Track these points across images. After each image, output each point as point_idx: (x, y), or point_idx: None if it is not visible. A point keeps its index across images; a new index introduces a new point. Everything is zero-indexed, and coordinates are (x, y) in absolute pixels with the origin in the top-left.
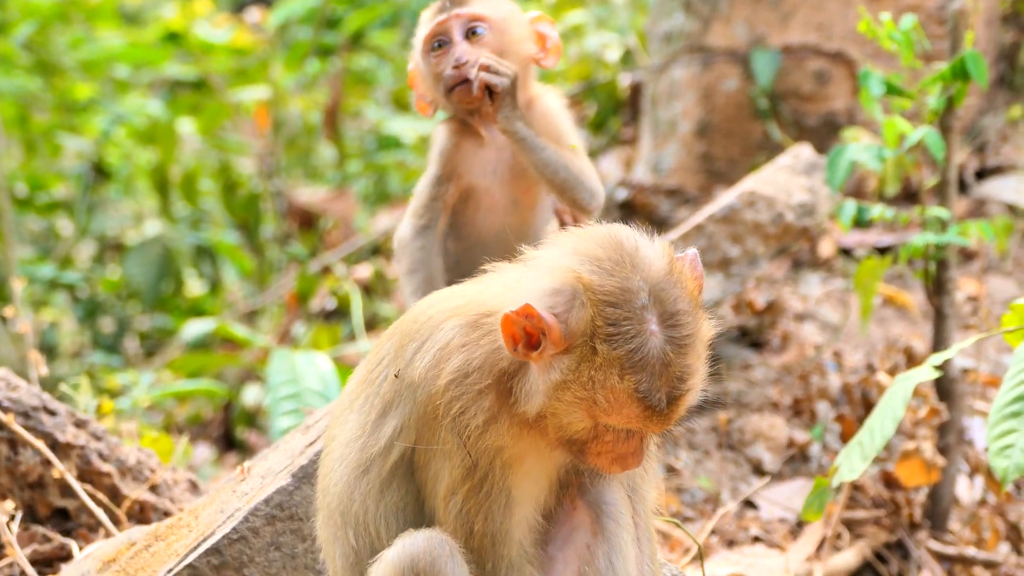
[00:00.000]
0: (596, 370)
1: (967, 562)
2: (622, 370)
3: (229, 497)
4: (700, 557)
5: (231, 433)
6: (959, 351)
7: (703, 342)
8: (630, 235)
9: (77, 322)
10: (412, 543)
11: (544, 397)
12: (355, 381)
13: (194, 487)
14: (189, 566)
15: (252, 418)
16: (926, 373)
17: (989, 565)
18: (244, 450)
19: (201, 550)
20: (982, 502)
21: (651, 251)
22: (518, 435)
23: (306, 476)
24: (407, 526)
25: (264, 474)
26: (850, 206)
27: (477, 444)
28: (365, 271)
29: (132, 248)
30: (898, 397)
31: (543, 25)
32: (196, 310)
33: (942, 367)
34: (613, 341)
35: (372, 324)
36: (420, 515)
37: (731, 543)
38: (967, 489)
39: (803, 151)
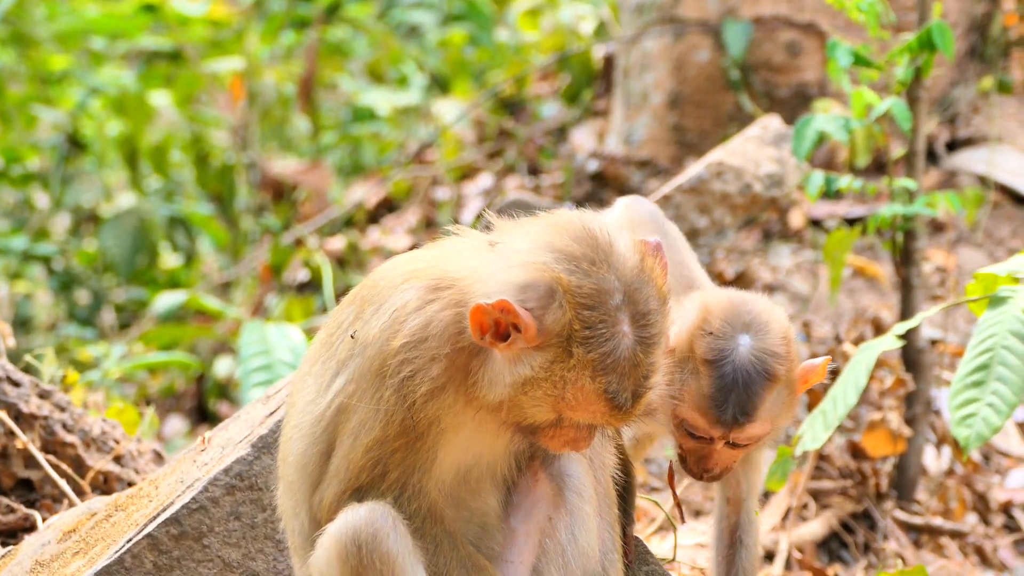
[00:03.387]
0: (568, 370)
1: (934, 532)
2: (594, 372)
3: (189, 467)
4: (673, 528)
5: (204, 405)
6: (926, 322)
7: (667, 338)
8: (603, 229)
9: (52, 294)
10: (354, 516)
11: (509, 389)
12: (315, 346)
13: (159, 458)
14: (148, 536)
15: (224, 390)
16: (890, 342)
17: (956, 535)
18: (217, 422)
19: (160, 520)
20: (949, 472)
21: (624, 246)
22: (463, 411)
23: (266, 446)
24: None
25: (224, 444)
26: (817, 177)
27: (420, 410)
28: (338, 243)
29: (107, 220)
30: (861, 366)
31: (810, 374)
32: (172, 282)
33: (906, 336)
34: (588, 344)
35: (344, 296)
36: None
37: (697, 513)
38: (934, 459)
39: (772, 122)
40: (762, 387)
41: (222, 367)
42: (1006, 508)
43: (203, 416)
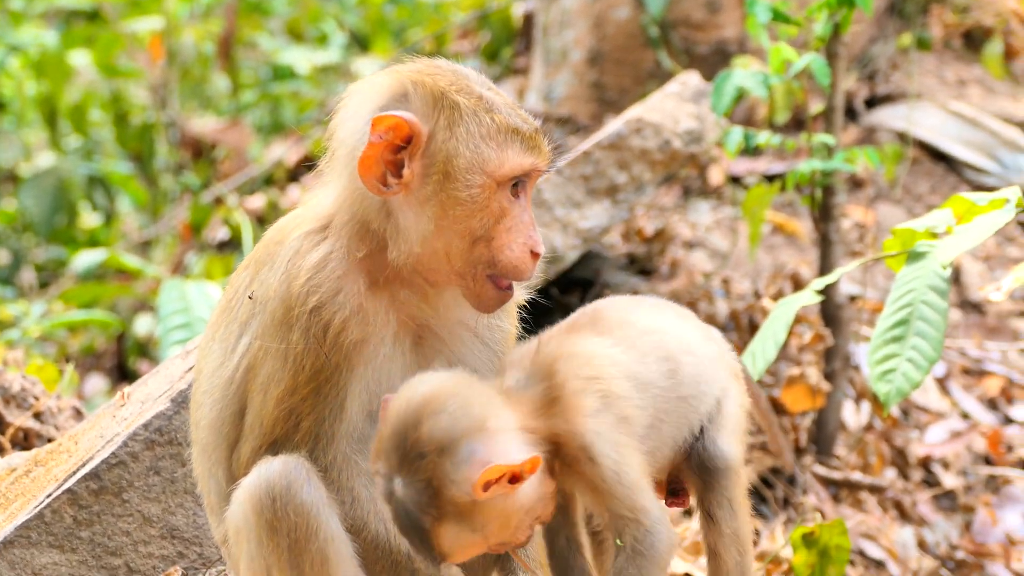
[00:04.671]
0: (469, 120)
1: (853, 487)
2: (487, 111)
3: (109, 422)
4: None
5: (124, 364)
6: (846, 278)
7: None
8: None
9: None
10: (268, 469)
11: (436, 201)
12: (216, 313)
13: (79, 415)
14: (68, 491)
15: (145, 348)
16: (808, 297)
17: (875, 489)
18: (137, 380)
19: (80, 475)
20: (868, 427)
21: None
22: (385, 317)
23: (185, 401)
24: None
25: (144, 399)
26: (737, 132)
27: (332, 340)
28: (258, 201)
29: (26, 180)
30: (780, 321)
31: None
32: (92, 241)
33: (825, 292)
34: (464, 92)
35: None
36: None
37: None
38: (853, 414)
39: (691, 78)
40: (426, 539)
41: (142, 325)
42: (925, 463)
43: (123, 375)
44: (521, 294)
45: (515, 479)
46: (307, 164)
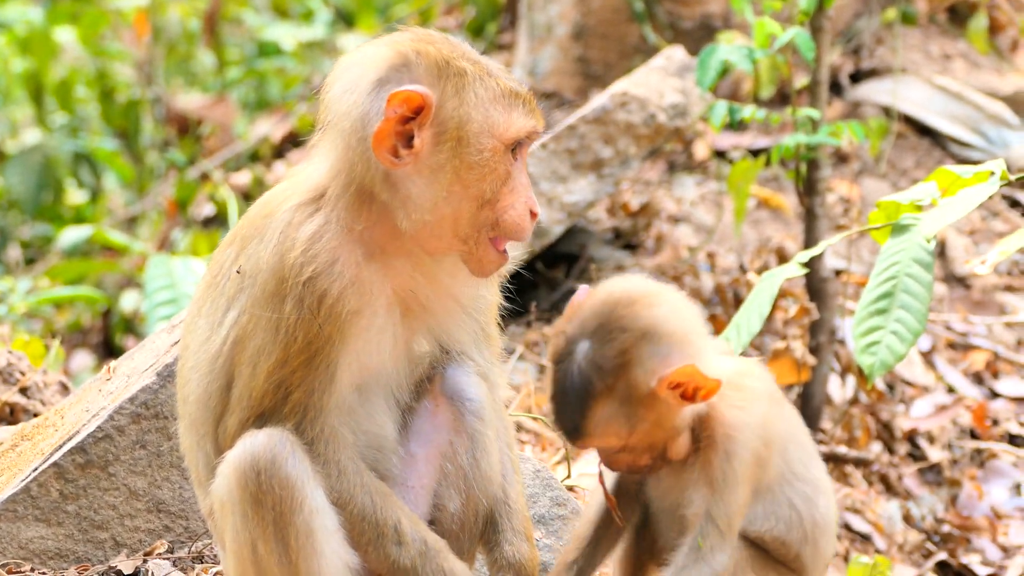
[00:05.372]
0: (477, 85)
1: (839, 460)
2: (491, 76)
3: (95, 396)
4: (567, 457)
5: (111, 340)
6: (831, 252)
7: None
8: None
9: None
10: (253, 442)
11: (448, 168)
12: (200, 290)
13: (65, 390)
14: (54, 464)
15: (131, 325)
16: (793, 270)
17: (860, 463)
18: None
19: (66, 449)
20: (854, 401)
21: None
22: (380, 288)
23: (171, 375)
24: None
25: (130, 373)
26: (721, 106)
27: (328, 312)
28: (244, 177)
29: (11, 157)
30: (764, 294)
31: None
32: (78, 218)
33: (810, 265)
34: (467, 58)
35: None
36: None
37: None
38: (838, 388)
39: (675, 53)
40: (582, 402)
41: (128, 302)
42: (910, 437)
43: (109, 351)
44: (508, 266)
45: (692, 395)
46: (293, 141)
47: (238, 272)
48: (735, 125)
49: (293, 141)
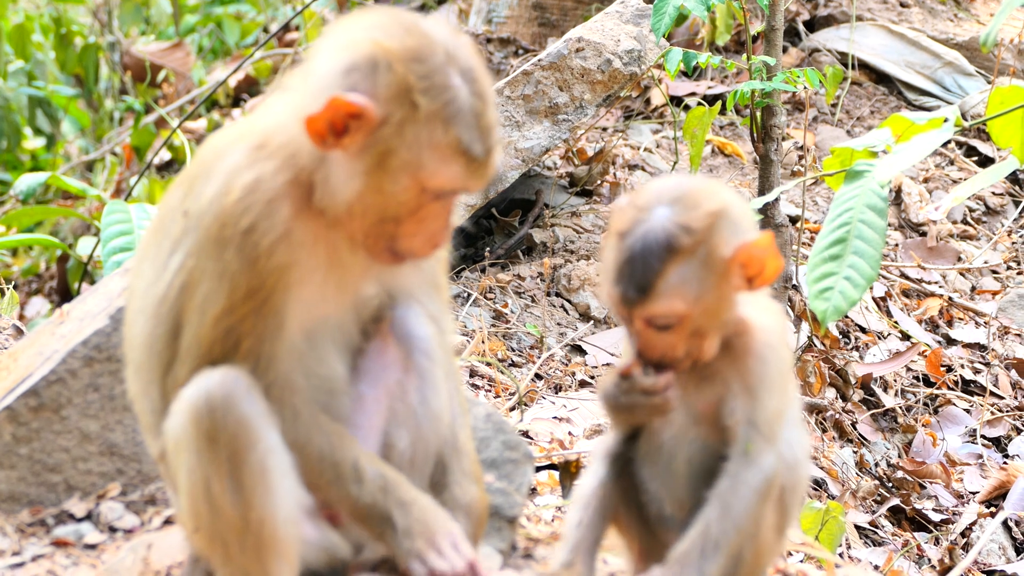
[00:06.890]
0: (421, 127)
1: None
2: (444, 122)
3: (48, 340)
4: (520, 402)
5: (67, 286)
6: (785, 200)
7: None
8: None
9: None
10: (207, 380)
11: (362, 178)
12: (148, 232)
13: (19, 333)
14: (7, 408)
15: (87, 270)
16: None
17: (814, 409)
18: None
19: (19, 392)
20: (808, 348)
21: (430, 19)
22: (313, 246)
23: (124, 318)
24: None
25: (82, 316)
26: (676, 53)
27: (266, 262)
28: (201, 124)
29: None
30: None
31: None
32: (35, 165)
33: (764, 212)
34: (429, 94)
35: None
36: None
37: (558, 388)
38: (792, 335)
39: None
40: (661, 259)
41: (85, 248)
42: (864, 383)
43: (66, 297)
44: (457, 220)
45: (756, 277)
46: (250, 88)
47: (185, 214)
48: (691, 72)
49: (250, 89)
